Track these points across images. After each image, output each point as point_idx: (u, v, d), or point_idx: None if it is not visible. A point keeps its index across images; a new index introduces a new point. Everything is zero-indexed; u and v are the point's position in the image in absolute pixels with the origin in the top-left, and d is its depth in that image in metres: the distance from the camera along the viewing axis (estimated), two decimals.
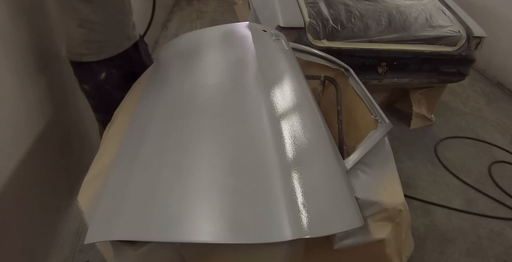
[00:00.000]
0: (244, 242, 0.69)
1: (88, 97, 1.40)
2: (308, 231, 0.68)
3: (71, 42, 1.24)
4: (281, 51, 1.39)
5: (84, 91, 1.38)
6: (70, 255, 1.58)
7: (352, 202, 0.78)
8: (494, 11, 3.38)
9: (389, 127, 1.15)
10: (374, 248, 0.83)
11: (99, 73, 1.31)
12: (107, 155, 0.98)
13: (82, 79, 1.35)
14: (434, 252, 1.78)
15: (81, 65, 1.29)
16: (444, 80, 2.46)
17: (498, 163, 2.42)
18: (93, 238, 0.71)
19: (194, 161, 0.86)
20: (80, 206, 0.86)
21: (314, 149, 0.90)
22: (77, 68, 1.31)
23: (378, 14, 2.31)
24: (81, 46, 1.23)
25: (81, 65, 1.29)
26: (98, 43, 1.26)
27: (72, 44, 1.24)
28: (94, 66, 1.29)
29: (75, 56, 1.27)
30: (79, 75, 1.34)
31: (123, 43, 1.38)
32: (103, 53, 1.29)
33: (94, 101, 1.40)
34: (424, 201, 2.07)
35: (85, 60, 1.27)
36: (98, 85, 1.33)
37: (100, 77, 1.31)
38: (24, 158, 1.25)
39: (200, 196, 0.76)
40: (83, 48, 1.24)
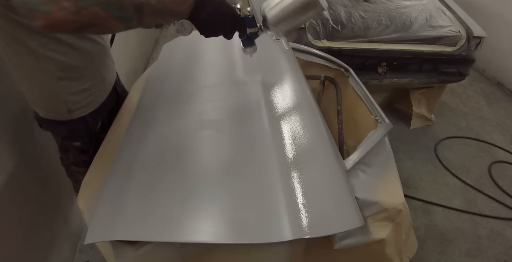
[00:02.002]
0: (244, 242, 0.69)
1: (77, 154, 1.09)
2: (308, 231, 0.68)
3: (52, 102, 0.95)
4: (281, 51, 1.39)
5: (72, 149, 1.08)
6: (70, 255, 1.58)
7: (352, 202, 0.78)
8: (494, 11, 3.38)
9: (389, 127, 1.15)
10: (374, 248, 0.83)
11: (95, 124, 1.06)
12: (107, 154, 0.98)
13: (72, 137, 1.05)
14: (434, 252, 1.78)
15: (69, 123, 1.00)
16: (444, 80, 2.46)
17: (498, 163, 2.42)
18: (93, 238, 0.71)
19: (194, 161, 0.86)
20: (80, 206, 0.86)
21: (314, 149, 0.90)
22: (65, 127, 1.01)
23: (378, 14, 2.31)
24: (67, 103, 0.95)
25: (69, 123, 1.00)
26: (87, 91, 0.98)
27: (55, 103, 0.95)
28: (88, 118, 1.02)
29: (61, 115, 0.98)
30: (68, 134, 1.04)
31: (111, 76, 1.11)
32: (95, 100, 1.03)
33: (87, 156, 1.07)
34: (424, 201, 2.07)
35: (76, 117, 0.99)
36: (94, 137, 1.07)
37: (96, 128, 1.06)
38: (23, 158, 1.25)
39: (200, 196, 0.76)
40: (70, 104, 0.96)
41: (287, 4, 0.81)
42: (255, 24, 0.87)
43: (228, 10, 0.78)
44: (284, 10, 0.80)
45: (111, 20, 0.60)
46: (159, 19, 0.68)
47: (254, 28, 0.87)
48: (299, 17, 0.82)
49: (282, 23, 0.83)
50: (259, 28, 0.88)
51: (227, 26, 0.80)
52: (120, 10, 0.59)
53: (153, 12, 0.64)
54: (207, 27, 0.76)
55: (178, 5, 0.68)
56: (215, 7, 0.73)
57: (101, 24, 0.60)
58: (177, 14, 0.69)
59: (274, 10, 0.82)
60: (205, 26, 0.76)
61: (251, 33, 0.88)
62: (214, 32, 0.79)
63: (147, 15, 0.63)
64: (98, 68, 1.02)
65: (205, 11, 0.72)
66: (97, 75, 1.02)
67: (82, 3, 0.56)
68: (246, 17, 0.84)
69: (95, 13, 0.57)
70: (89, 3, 0.56)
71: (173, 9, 0.67)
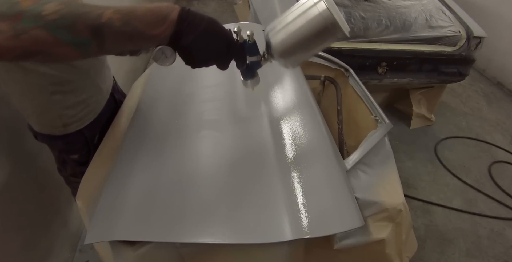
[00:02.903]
0: (244, 242, 0.68)
1: (75, 166, 1.04)
2: (308, 231, 0.68)
3: (46, 117, 0.90)
4: None
5: (70, 161, 1.03)
6: (70, 255, 1.58)
7: (352, 202, 0.78)
8: (494, 11, 3.38)
9: (389, 127, 1.15)
10: (374, 248, 0.83)
11: (93, 136, 1.01)
12: (106, 152, 0.97)
13: (69, 151, 1.00)
14: (434, 252, 1.78)
15: (66, 137, 0.95)
16: (444, 80, 2.46)
17: (498, 163, 2.42)
18: (93, 239, 0.70)
19: (194, 160, 0.86)
20: (79, 205, 0.86)
21: (314, 149, 0.90)
22: (61, 140, 0.96)
23: (378, 15, 2.31)
24: (61, 117, 0.90)
25: (66, 137, 0.95)
26: (82, 103, 0.92)
27: (49, 118, 0.90)
28: (85, 131, 0.96)
29: (56, 130, 0.93)
30: (64, 148, 0.99)
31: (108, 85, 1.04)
32: (92, 112, 0.97)
33: (85, 168, 0.97)
34: (424, 201, 2.07)
35: (72, 131, 0.94)
36: (92, 149, 1.00)
37: (94, 140, 1.01)
38: (22, 158, 1.25)
39: (200, 196, 0.76)
40: (65, 118, 0.90)
41: (297, 28, 0.62)
42: (257, 51, 0.69)
43: (220, 34, 0.61)
44: (294, 35, 0.62)
45: (60, 46, 0.48)
46: (129, 45, 0.55)
47: (256, 56, 0.70)
48: (312, 45, 0.64)
49: (290, 52, 0.65)
50: (262, 56, 0.70)
51: (220, 55, 0.63)
52: (71, 34, 0.47)
53: (118, 36, 0.51)
54: (193, 55, 0.60)
55: (152, 28, 0.54)
56: (202, 30, 0.58)
57: (47, 51, 0.48)
58: (152, 38, 0.55)
59: (281, 35, 0.64)
60: (191, 55, 0.60)
61: (252, 62, 0.70)
62: (202, 62, 0.62)
63: (110, 40, 0.51)
64: (94, 80, 0.94)
65: (190, 36, 0.57)
66: (93, 86, 0.95)
67: (21, 25, 0.44)
68: (245, 43, 0.67)
69: (39, 38, 0.46)
70: (30, 26, 0.45)
71: (146, 33, 0.53)
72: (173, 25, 0.55)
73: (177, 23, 0.55)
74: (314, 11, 0.60)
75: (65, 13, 0.47)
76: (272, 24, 0.66)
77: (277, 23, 0.65)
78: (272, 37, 0.65)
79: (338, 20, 0.59)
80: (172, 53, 0.59)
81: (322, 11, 0.59)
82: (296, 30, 0.62)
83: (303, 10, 0.62)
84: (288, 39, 0.63)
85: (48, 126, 0.92)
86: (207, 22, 0.58)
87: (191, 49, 0.58)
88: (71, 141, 0.97)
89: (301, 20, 0.61)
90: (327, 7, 0.58)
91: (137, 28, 0.52)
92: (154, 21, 0.54)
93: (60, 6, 0.46)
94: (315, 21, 0.60)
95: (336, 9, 0.62)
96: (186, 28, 0.56)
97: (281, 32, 0.64)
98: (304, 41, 0.63)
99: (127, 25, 0.51)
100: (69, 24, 0.47)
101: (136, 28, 0.52)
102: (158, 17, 0.54)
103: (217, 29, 0.60)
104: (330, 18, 0.59)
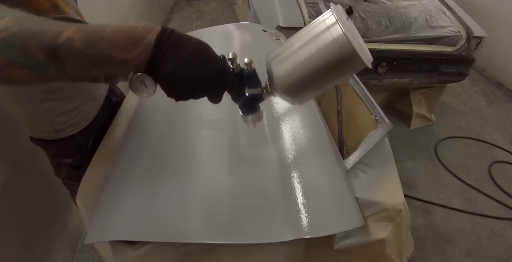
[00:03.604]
0: (244, 242, 0.68)
1: (69, 170, 1.03)
2: (308, 231, 0.68)
3: (38, 122, 0.88)
4: None
5: (64, 165, 1.02)
6: (70, 255, 1.58)
7: (352, 202, 0.78)
8: (494, 11, 3.38)
9: (389, 127, 1.15)
10: (375, 248, 0.83)
11: (86, 141, 0.99)
12: (106, 152, 0.97)
13: (62, 155, 0.99)
14: (434, 252, 1.78)
15: (58, 141, 0.93)
16: (444, 80, 2.46)
17: (498, 163, 2.42)
18: (93, 238, 0.70)
19: (193, 160, 0.86)
20: (79, 205, 0.86)
21: (314, 149, 0.90)
22: (53, 145, 0.94)
23: (377, 15, 2.31)
24: (52, 124, 0.88)
25: (58, 141, 0.93)
26: (74, 110, 0.89)
27: (40, 124, 0.88)
28: (78, 136, 0.94)
29: (47, 135, 0.91)
30: (58, 152, 0.99)
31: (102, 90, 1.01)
32: (85, 118, 0.94)
33: (79, 172, 0.99)
34: (424, 201, 2.07)
35: (64, 136, 0.92)
36: (85, 154, 0.99)
37: (88, 145, 0.99)
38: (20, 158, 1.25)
39: (200, 196, 0.76)
40: (56, 125, 0.88)
41: (305, 58, 0.50)
42: (257, 82, 0.58)
43: (209, 61, 0.50)
44: (301, 67, 0.51)
45: (14, 69, 0.41)
46: (97, 70, 0.46)
47: (256, 88, 0.58)
48: (324, 79, 0.52)
49: (296, 87, 0.53)
50: (263, 88, 0.58)
51: (207, 87, 0.51)
52: (24, 55, 0.41)
53: (80, 59, 0.43)
54: (175, 87, 0.50)
55: (122, 51, 0.45)
56: (187, 56, 0.48)
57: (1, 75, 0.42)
58: (123, 64, 0.46)
59: (285, 66, 0.52)
60: (172, 86, 0.50)
61: (252, 95, 0.59)
62: (186, 94, 0.52)
63: (71, 64, 0.43)
64: (87, 86, 0.91)
65: (170, 63, 0.47)
66: (86, 93, 0.91)
67: None
68: (242, 72, 0.55)
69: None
70: None
71: (116, 57, 0.45)
72: (150, 49, 0.46)
73: (155, 47, 0.46)
74: (327, 37, 0.48)
75: (16, 31, 0.40)
76: (276, 50, 0.54)
77: (282, 50, 0.53)
78: (275, 67, 0.54)
79: (358, 49, 0.46)
80: (153, 82, 0.50)
81: (337, 37, 0.47)
82: (303, 60, 0.50)
83: (314, 35, 0.50)
84: (293, 72, 0.51)
85: (39, 131, 0.91)
86: (194, 46, 0.49)
87: (172, 78, 0.48)
88: (64, 145, 0.95)
89: (310, 48, 0.50)
90: (343, 32, 0.46)
91: (103, 51, 0.44)
92: (125, 44, 0.45)
93: (12, 22, 0.40)
94: (328, 49, 0.48)
95: (356, 34, 0.51)
96: (166, 53, 0.46)
97: (285, 62, 0.52)
98: (314, 75, 0.50)
99: (91, 47, 0.43)
100: (21, 43, 0.40)
101: (102, 51, 0.44)
102: (130, 38, 0.45)
103: (205, 55, 0.50)
104: (348, 46, 0.46)
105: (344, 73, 0.52)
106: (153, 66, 0.47)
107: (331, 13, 0.49)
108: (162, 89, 0.51)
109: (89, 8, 1.23)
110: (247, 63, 0.54)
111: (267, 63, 0.55)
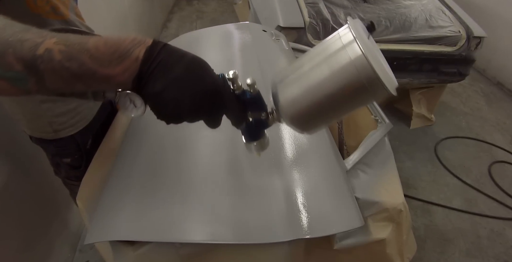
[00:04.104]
0: (244, 242, 0.68)
1: (68, 170, 1.04)
2: (308, 231, 0.68)
3: (37, 122, 0.90)
4: (281, 51, 1.39)
5: (63, 165, 1.02)
6: (70, 255, 1.58)
7: (352, 202, 0.78)
8: (494, 11, 3.38)
9: (389, 127, 1.15)
10: (375, 248, 0.83)
11: (85, 142, 0.99)
12: (106, 153, 0.98)
13: (61, 154, 1.00)
14: (434, 252, 1.78)
15: (57, 141, 0.94)
16: (444, 80, 2.46)
17: (498, 163, 2.42)
18: (92, 239, 0.71)
19: (193, 160, 0.86)
20: (79, 205, 0.86)
21: (314, 149, 0.90)
22: (52, 144, 0.95)
23: (377, 16, 2.31)
24: (51, 124, 0.89)
25: (57, 141, 0.94)
26: (73, 111, 0.90)
27: (39, 124, 0.90)
28: (77, 137, 0.95)
29: (46, 135, 0.92)
30: (57, 151, 0.99)
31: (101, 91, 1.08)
32: (84, 119, 0.95)
33: (78, 172, 1.01)
34: (424, 201, 2.06)
35: (63, 136, 0.93)
36: (84, 154, 1.00)
37: (86, 146, 0.99)
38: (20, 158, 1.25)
39: (200, 196, 0.76)
40: (55, 125, 0.89)
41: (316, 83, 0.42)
42: (262, 106, 0.50)
43: (204, 81, 0.43)
44: (311, 93, 0.43)
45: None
46: (80, 86, 0.42)
47: (261, 112, 0.50)
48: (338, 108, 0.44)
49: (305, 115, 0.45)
50: (269, 113, 0.50)
51: (202, 109, 0.45)
52: (1, 66, 0.38)
53: (60, 73, 0.39)
54: (164, 108, 0.43)
55: (106, 66, 0.40)
56: (179, 74, 0.42)
57: None
58: (108, 80, 0.41)
59: (292, 91, 0.45)
60: (160, 107, 0.44)
61: (256, 121, 0.51)
62: (177, 117, 0.45)
63: (51, 78, 0.40)
64: None
65: (160, 81, 0.41)
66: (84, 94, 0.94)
67: None
68: (244, 94, 0.48)
69: None
70: None
71: (99, 72, 0.40)
72: (138, 65, 0.40)
73: (143, 62, 0.40)
74: (343, 57, 0.40)
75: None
76: (284, 71, 0.47)
77: (290, 71, 0.46)
78: (281, 91, 0.46)
79: (380, 72, 0.38)
80: (144, 102, 0.44)
81: (356, 58, 0.39)
82: (314, 85, 0.42)
83: (327, 55, 0.42)
84: (302, 98, 0.44)
85: (38, 131, 0.92)
86: (187, 63, 0.42)
87: (161, 99, 0.42)
88: (63, 145, 0.95)
89: (322, 71, 0.42)
90: (363, 52, 0.38)
91: (85, 64, 0.39)
92: (109, 58, 0.40)
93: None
94: (344, 73, 0.40)
95: (378, 55, 0.43)
96: (155, 70, 0.41)
97: (293, 85, 0.45)
98: (326, 103, 0.42)
99: (71, 60, 0.39)
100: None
101: (84, 64, 0.39)
102: (116, 52, 0.40)
103: (200, 73, 0.43)
104: (368, 69, 0.38)
105: (363, 102, 0.44)
106: (138, 84, 0.42)
107: (348, 29, 0.41)
108: (151, 110, 0.45)
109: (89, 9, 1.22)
110: (250, 84, 0.47)
111: (272, 85, 0.48)
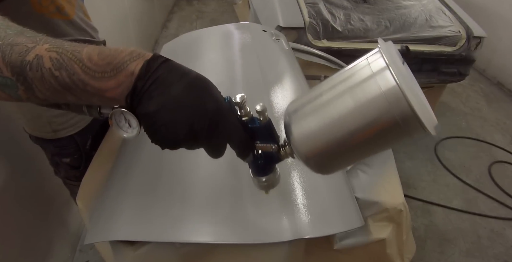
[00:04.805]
0: (244, 242, 0.68)
1: (68, 170, 1.04)
2: (308, 231, 0.68)
3: (36, 122, 0.90)
4: (281, 51, 1.39)
5: (63, 164, 1.03)
6: (70, 255, 1.58)
7: (352, 202, 0.78)
8: (494, 11, 3.38)
9: None
10: (375, 249, 0.83)
11: (84, 142, 0.99)
12: (106, 152, 0.98)
13: (61, 154, 1.00)
14: (434, 252, 1.78)
15: (57, 141, 0.94)
16: (444, 80, 2.46)
17: (498, 163, 2.42)
18: (93, 238, 0.71)
19: (193, 160, 0.86)
20: (79, 205, 0.86)
21: None
22: (52, 144, 0.95)
23: (377, 16, 2.31)
24: (51, 124, 0.89)
25: (57, 141, 0.94)
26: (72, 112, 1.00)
27: (38, 124, 0.90)
28: (76, 137, 0.96)
29: (46, 135, 0.93)
30: (56, 151, 0.99)
31: None
32: (83, 120, 0.95)
33: (77, 172, 1.02)
34: (424, 201, 2.07)
35: (62, 136, 0.94)
36: (84, 154, 1.00)
37: (86, 146, 0.99)
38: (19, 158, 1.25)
39: (200, 196, 0.76)
40: (54, 125, 0.90)
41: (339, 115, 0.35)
42: (272, 137, 0.43)
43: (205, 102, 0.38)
44: (331, 127, 0.35)
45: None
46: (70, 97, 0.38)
47: (271, 144, 0.43)
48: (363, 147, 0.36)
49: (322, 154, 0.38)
50: (281, 146, 0.43)
51: (200, 136, 0.38)
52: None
53: (49, 82, 0.36)
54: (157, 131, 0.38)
55: (98, 78, 0.36)
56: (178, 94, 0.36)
57: None
58: (100, 94, 0.37)
59: (308, 125, 0.37)
60: (154, 130, 0.38)
61: (266, 153, 0.45)
62: (171, 142, 0.39)
63: (40, 86, 0.36)
64: None
65: (155, 100, 0.36)
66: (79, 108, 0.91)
67: None
68: (253, 122, 0.42)
69: None
70: None
71: (90, 84, 0.36)
72: (132, 80, 0.36)
73: (138, 78, 0.36)
74: (372, 88, 0.32)
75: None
76: (299, 100, 0.40)
77: (306, 101, 0.39)
78: (296, 124, 0.39)
79: (417, 107, 0.31)
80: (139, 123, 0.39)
81: (388, 89, 0.31)
82: (335, 119, 0.35)
83: (352, 83, 0.34)
84: (320, 133, 0.36)
85: (38, 130, 0.92)
86: (189, 82, 0.37)
87: (154, 120, 0.37)
88: (62, 145, 0.95)
89: (345, 102, 0.34)
90: (397, 83, 0.31)
91: (75, 75, 0.35)
92: (102, 70, 0.36)
93: None
94: (373, 107, 0.32)
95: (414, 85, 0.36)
96: (151, 87, 0.36)
97: (309, 118, 0.37)
98: (348, 141, 0.35)
99: (62, 69, 0.35)
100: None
101: (75, 75, 0.35)
102: (110, 64, 0.36)
103: (202, 94, 0.38)
104: (402, 104, 0.31)
105: (393, 141, 0.35)
106: (132, 102, 0.37)
107: (380, 53, 0.33)
108: (145, 132, 0.39)
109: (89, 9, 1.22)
110: (259, 111, 0.41)
111: (285, 115, 0.41)
